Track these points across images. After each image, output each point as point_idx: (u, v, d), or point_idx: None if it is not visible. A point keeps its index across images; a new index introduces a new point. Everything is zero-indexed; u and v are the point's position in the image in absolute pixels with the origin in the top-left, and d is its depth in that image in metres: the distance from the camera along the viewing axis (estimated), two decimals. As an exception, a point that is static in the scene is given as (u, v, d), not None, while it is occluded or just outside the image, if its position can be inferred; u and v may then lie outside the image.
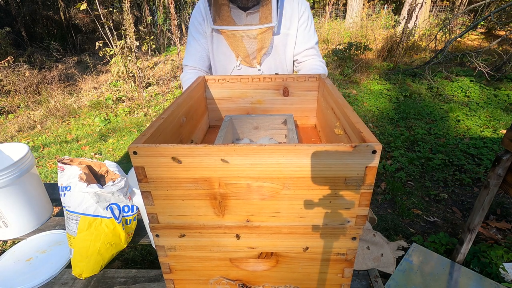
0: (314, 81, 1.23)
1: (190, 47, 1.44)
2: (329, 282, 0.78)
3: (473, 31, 8.08)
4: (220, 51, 1.41)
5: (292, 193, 0.65)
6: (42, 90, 5.17)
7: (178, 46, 5.42)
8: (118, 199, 1.08)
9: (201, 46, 1.42)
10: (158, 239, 0.74)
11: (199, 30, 1.39)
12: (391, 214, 2.31)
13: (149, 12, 9.64)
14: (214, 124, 1.35)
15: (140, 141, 0.65)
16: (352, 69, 5.69)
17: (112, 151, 3.46)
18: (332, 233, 0.70)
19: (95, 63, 6.92)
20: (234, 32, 1.30)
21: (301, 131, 1.28)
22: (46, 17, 8.66)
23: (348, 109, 0.80)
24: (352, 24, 8.65)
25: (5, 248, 1.95)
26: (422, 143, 3.31)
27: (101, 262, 1.06)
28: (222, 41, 1.40)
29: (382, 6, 10.16)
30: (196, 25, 1.39)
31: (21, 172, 1.20)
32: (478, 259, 1.79)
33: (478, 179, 2.68)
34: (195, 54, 1.43)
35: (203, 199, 0.67)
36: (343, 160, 0.60)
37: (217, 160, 0.61)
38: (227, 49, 1.41)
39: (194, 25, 1.40)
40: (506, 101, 4.31)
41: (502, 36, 5.11)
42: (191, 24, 1.41)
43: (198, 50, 1.43)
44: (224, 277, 0.79)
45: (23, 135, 3.96)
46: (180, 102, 0.94)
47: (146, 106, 4.75)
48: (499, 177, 1.43)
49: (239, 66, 1.43)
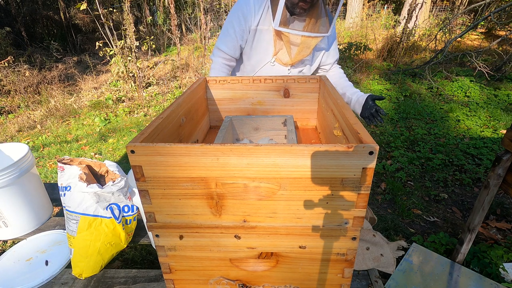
0: (315, 83, 1.23)
1: (227, 33, 1.49)
2: (329, 282, 0.78)
3: (473, 31, 8.07)
4: (260, 45, 1.49)
5: (289, 193, 0.65)
6: (42, 90, 5.17)
7: (178, 46, 5.42)
8: (118, 199, 1.08)
9: (237, 36, 1.48)
10: (158, 239, 0.74)
11: (240, 21, 1.44)
12: (391, 214, 2.31)
13: (149, 12, 9.65)
14: (215, 125, 1.35)
15: (138, 140, 0.65)
16: (352, 69, 5.68)
17: (112, 151, 3.46)
18: (329, 234, 0.70)
19: (95, 63, 6.93)
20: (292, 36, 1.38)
21: (302, 133, 1.28)
22: (46, 17, 8.66)
23: (347, 111, 0.80)
24: (352, 24, 8.65)
25: (5, 248, 1.95)
26: (422, 143, 3.31)
27: (101, 262, 1.06)
28: (264, 37, 1.47)
29: (382, 6, 10.15)
30: (239, 17, 1.44)
31: (21, 172, 1.20)
32: (478, 259, 1.79)
33: (478, 179, 2.68)
34: (231, 41, 1.50)
35: (200, 198, 0.67)
36: (340, 161, 0.60)
37: (214, 159, 0.62)
38: (267, 45, 1.48)
39: (237, 15, 1.44)
40: (506, 101, 4.31)
41: (502, 36, 5.10)
42: (234, 12, 1.46)
43: (233, 38, 1.49)
44: (224, 277, 0.80)
45: (23, 135, 3.96)
46: (180, 102, 0.95)
47: (146, 106, 4.75)
48: (499, 177, 1.43)
49: (273, 63, 1.52)
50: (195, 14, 8.98)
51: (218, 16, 8.63)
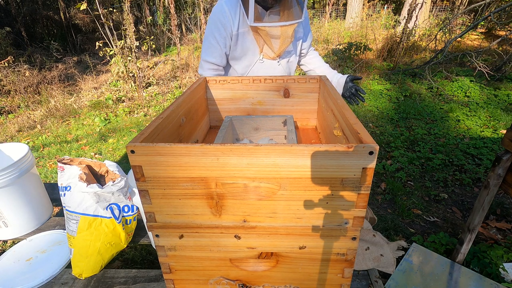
0: (315, 83, 1.23)
1: (210, 45, 1.51)
2: (329, 282, 0.78)
3: (473, 31, 8.07)
4: (245, 47, 1.51)
5: (289, 193, 0.65)
6: (42, 90, 5.18)
7: (178, 46, 5.42)
8: (118, 199, 1.08)
9: (220, 45, 1.50)
10: (158, 239, 0.74)
11: (220, 30, 1.45)
12: (391, 214, 2.31)
13: (149, 12, 9.65)
14: (215, 125, 1.35)
15: (138, 140, 0.65)
16: (352, 69, 5.68)
17: (112, 151, 3.46)
18: (329, 234, 0.70)
19: (95, 63, 6.92)
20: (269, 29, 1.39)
21: (302, 133, 1.28)
22: (46, 17, 8.66)
23: (347, 110, 0.80)
24: (352, 24, 8.65)
25: (5, 248, 1.95)
26: (422, 143, 3.31)
27: (101, 262, 1.06)
28: (247, 38, 1.49)
29: (382, 6, 10.15)
30: (218, 25, 1.45)
31: (21, 172, 1.20)
32: (478, 259, 1.79)
33: (478, 179, 2.68)
34: (216, 51, 1.51)
35: (200, 198, 0.67)
36: (340, 161, 0.60)
37: (214, 159, 0.62)
38: (251, 44, 1.51)
39: (216, 25, 1.45)
40: (506, 101, 4.31)
41: (502, 36, 5.10)
42: (212, 23, 1.47)
43: (217, 48, 1.50)
44: (224, 277, 0.80)
45: (23, 135, 3.96)
46: (180, 102, 0.95)
47: (146, 106, 4.75)
48: (499, 177, 1.43)
49: (261, 59, 1.54)
50: (195, 14, 8.98)
51: (218, 16, 8.61)
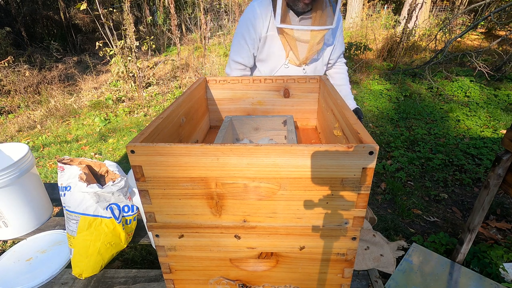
0: (315, 83, 1.23)
1: (239, 45, 1.52)
2: (329, 282, 0.78)
3: (473, 31, 8.07)
4: (272, 51, 1.51)
5: (289, 193, 0.65)
6: (42, 90, 5.17)
7: (178, 46, 5.42)
8: (118, 199, 1.08)
9: (249, 46, 1.51)
10: (158, 239, 0.74)
11: (250, 31, 1.46)
12: (391, 214, 2.31)
13: (149, 12, 9.64)
14: (215, 125, 1.35)
15: (138, 140, 0.65)
16: (352, 69, 5.68)
17: (112, 151, 3.46)
18: (329, 234, 0.70)
19: (95, 63, 6.92)
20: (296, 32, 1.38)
21: (302, 133, 1.28)
22: (46, 17, 8.66)
23: (347, 110, 0.80)
24: (352, 24, 8.65)
25: (5, 248, 1.95)
26: (422, 143, 3.31)
27: (101, 262, 1.06)
28: (275, 42, 1.48)
29: (382, 6, 10.15)
30: (249, 27, 1.46)
31: (21, 172, 1.20)
32: (478, 259, 1.79)
33: (478, 179, 2.68)
34: (244, 52, 1.52)
35: (200, 198, 0.67)
36: (340, 161, 0.60)
37: (214, 159, 0.62)
38: (278, 49, 1.50)
39: (247, 25, 1.46)
40: (506, 101, 4.31)
41: (502, 36, 5.10)
42: (242, 24, 1.48)
43: (246, 49, 1.51)
44: (224, 277, 0.80)
45: (23, 135, 3.96)
46: (180, 102, 0.95)
47: (146, 106, 4.75)
48: (499, 177, 1.43)
49: (287, 64, 1.53)
50: (195, 14, 8.98)
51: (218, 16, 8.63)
